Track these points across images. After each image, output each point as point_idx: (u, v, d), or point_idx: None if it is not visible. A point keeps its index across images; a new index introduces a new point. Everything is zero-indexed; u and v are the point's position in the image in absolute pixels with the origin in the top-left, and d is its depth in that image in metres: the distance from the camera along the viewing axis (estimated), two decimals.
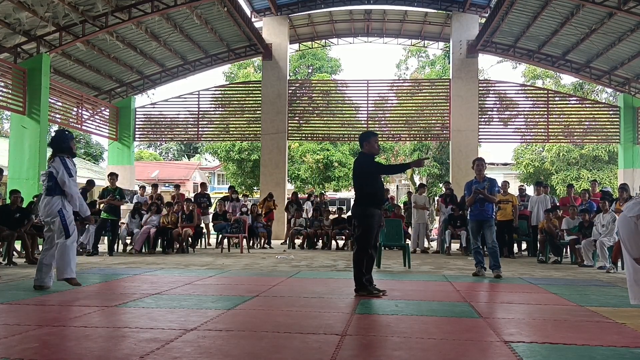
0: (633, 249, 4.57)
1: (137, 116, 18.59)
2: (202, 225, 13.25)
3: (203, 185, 15.01)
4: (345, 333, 3.67)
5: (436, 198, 17.23)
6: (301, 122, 18.74)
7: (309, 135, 19.31)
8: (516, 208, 11.12)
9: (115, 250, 11.09)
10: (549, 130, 18.01)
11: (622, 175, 17.29)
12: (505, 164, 33.73)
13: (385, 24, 18.92)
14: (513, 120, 18.30)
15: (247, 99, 18.92)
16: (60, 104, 15.83)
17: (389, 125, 18.86)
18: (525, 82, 25.76)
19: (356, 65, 73.70)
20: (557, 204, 11.78)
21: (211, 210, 14.18)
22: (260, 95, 18.06)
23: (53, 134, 6.26)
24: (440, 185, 26.45)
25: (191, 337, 3.48)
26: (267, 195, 15.27)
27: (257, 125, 18.18)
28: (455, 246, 12.81)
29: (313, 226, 13.45)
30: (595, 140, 20.04)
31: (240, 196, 15.36)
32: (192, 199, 13.59)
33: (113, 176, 11.24)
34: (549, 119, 17.94)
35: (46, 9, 12.39)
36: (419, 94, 18.77)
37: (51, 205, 5.55)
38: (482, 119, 17.85)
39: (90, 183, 11.64)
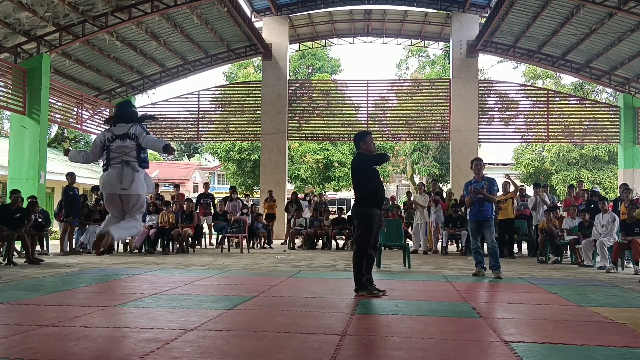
0: None
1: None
2: (204, 225, 13.24)
3: (206, 185, 14.99)
4: (345, 333, 3.67)
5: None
6: (301, 122, 18.72)
7: (309, 135, 19.30)
8: (516, 189, 11.50)
9: (115, 250, 11.09)
10: (549, 130, 18.00)
11: (622, 175, 17.28)
12: (505, 164, 33.72)
13: (385, 24, 18.91)
14: (513, 120, 18.29)
15: (247, 99, 18.92)
16: (60, 104, 15.81)
17: (389, 125, 18.85)
18: (525, 82, 25.74)
19: (356, 65, 73.67)
20: (557, 204, 11.79)
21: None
22: (260, 95, 18.06)
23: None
24: (440, 185, 26.41)
25: (191, 337, 3.48)
26: (267, 195, 15.27)
27: (257, 125, 18.18)
28: (452, 247, 12.78)
29: (313, 226, 13.44)
30: (595, 140, 20.04)
31: (242, 196, 15.34)
32: (196, 199, 13.59)
33: None
34: (549, 119, 17.93)
35: (46, 9, 12.38)
36: (419, 94, 18.76)
37: None
38: (482, 119, 17.84)
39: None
